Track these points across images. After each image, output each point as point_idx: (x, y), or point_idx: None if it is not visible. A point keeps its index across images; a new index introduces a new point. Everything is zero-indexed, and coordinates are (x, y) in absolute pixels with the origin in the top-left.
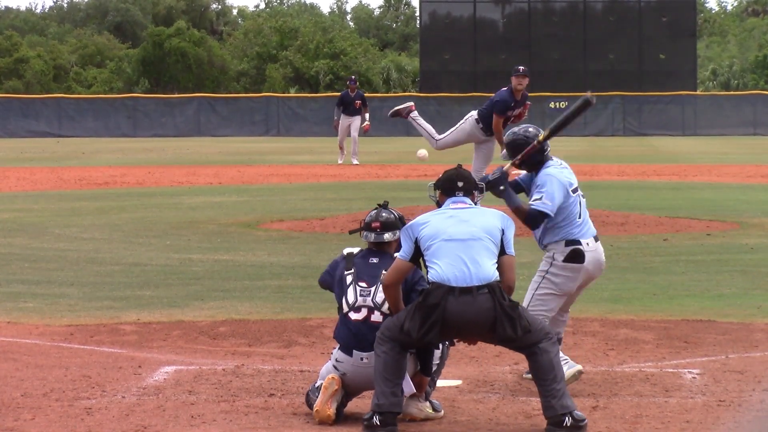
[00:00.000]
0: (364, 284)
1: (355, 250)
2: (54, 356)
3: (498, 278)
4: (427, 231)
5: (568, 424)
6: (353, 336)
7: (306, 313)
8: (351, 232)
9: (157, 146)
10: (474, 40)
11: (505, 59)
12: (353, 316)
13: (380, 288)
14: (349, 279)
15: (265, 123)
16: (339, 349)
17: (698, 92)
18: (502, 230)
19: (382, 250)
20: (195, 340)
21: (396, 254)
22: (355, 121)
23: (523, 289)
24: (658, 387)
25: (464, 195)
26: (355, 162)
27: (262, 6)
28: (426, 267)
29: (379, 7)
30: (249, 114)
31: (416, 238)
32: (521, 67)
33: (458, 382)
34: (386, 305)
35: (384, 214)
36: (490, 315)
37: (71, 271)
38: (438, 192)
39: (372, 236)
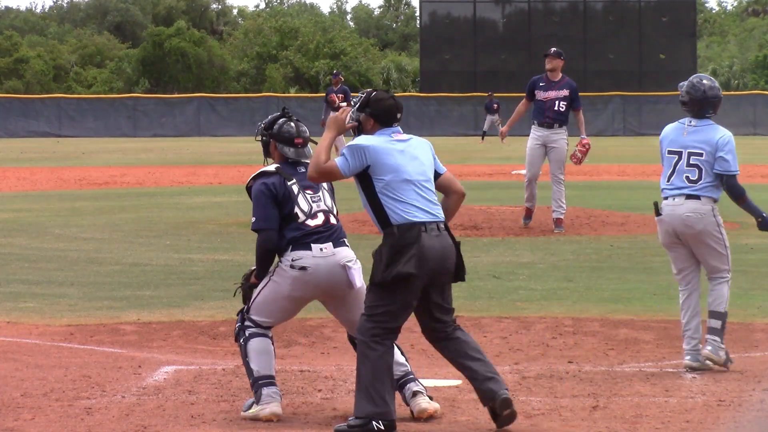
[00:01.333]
0: (310, 192)
1: (271, 167)
2: (54, 356)
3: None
4: (386, 164)
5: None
6: (311, 235)
7: (306, 313)
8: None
9: (157, 146)
10: (474, 40)
11: (505, 59)
12: (312, 222)
13: (325, 194)
14: (295, 189)
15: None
16: (292, 250)
17: None
18: (434, 159)
19: (306, 162)
20: (195, 340)
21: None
22: None
23: (525, 289)
24: (658, 387)
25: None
26: None
27: (262, 6)
28: (380, 199)
29: (379, 7)
30: (249, 114)
31: (369, 165)
32: (552, 49)
33: (458, 382)
34: (335, 209)
35: (303, 128)
36: (453, 252)
37: (71, 271)
38: (371, 120)
39: (291, 151)
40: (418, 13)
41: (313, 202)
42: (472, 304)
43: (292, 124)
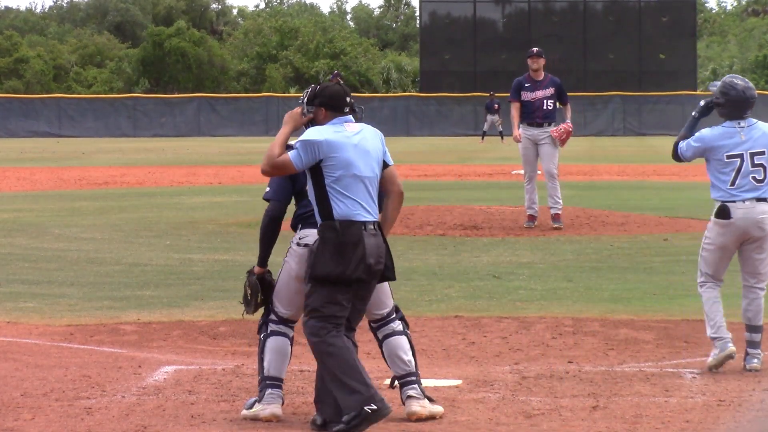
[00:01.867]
0: None
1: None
2: (54, 356)
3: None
4: (338, 159)
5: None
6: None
7: None
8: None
9: (157, 146)
10: (474, 40)
11: (505, 59)
12: None
13: None
14: None
15: (265, 123)
16: (300, 228)
17: (698, 92)
18: (384, 151)
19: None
20: (195, 340)
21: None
22: None
23: (525, 289)
24: (658, 387)
25: (350, 111)
26: None
27: (262, 6)
28: (328, 193)
29: (379, 7)
30: (249, 114)
31: (321, 159)
32: (534, 48)
33: (458, 382)
34: None
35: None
36: (385, 250)
37: (71, 271)
38: (322, 110)
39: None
40: (418, 13)
41: None
42: (472, 304)
43: (340, 87)
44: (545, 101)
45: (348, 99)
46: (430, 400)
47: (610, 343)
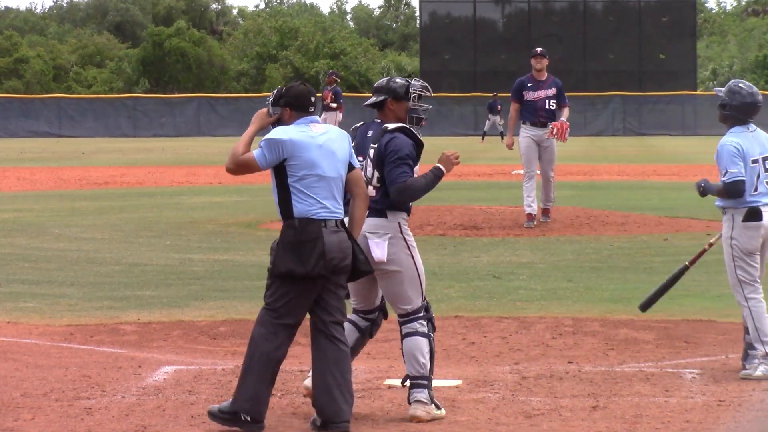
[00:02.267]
0: (360, 158)
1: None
2: (54, 356)
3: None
4: (302, 159)
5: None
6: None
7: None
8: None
9: (157, 146)
10: (474, 40)
11: (505, 59)
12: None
13: (368, 162)
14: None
15: None
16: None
17: (698, 92)
18: (351, 153)
19: (379, 119)
20: (195, 340)
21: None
22: (329, 118)
23: (525, 289)
24: (658, 387)
25: (314, 111)
26: None
27: (262, 6)
28: (290, 191)
29: (379, 7)
30: (249, 114)
31: (285, 159)
32: (538, 48)
33: (458, 382)
34: (375, 179)
35: (383, 79)
36: (350, 246)
37: (71, 271)
38: (287, 110)
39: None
40: (418, 13)
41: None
42: (472, 304)
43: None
44: (547, 101)
45: (313, 99)
46: (437, 406)
47: (610, 343)
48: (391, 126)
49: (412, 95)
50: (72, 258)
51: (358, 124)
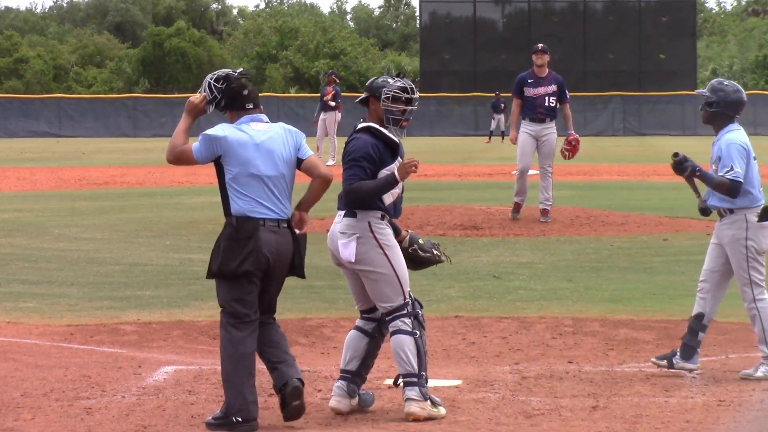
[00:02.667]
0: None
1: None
2: (54, 356)
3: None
4: (236, 157)
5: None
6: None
7: (306, 313)
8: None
9: (157, 146)
10: (474, 40)
11: (505, 59)
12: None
13: None
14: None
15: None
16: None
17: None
18: (298, 148)
19: (363, 118)
20: (195, 340)
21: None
22: (328, 118)
23: (525, 289)
24: (658, 387)
25: (255, 106)
26: (330, 163)
27: (262, 6)
28: (227, 189)
29: (379, 7)
30: None
31: (220, 156)
32: (539, 45)
33: (458, 382)
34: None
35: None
36: (290, 247)
37: (71, 271)
38: (226, 110)
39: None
40: (418, 13)
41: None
42: (472, 304)
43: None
44: (547, 98)
45: (246, 92)
46: (435, 403)
47: (610, 343)
48: (361, 125)
49: (384, 96)
50: (72, 258)
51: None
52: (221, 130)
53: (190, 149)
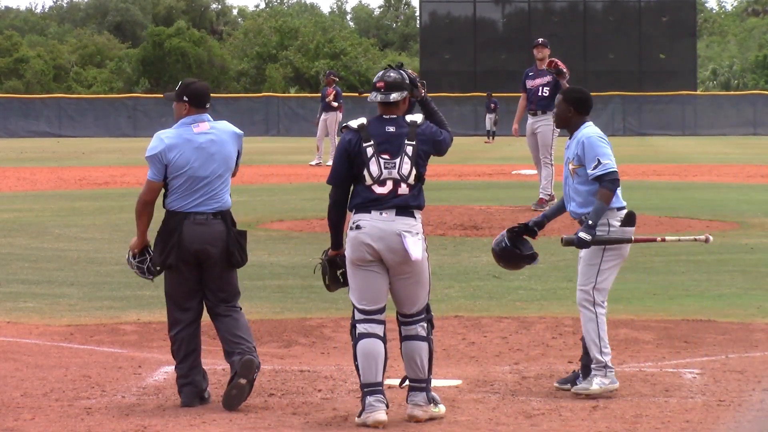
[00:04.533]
0: (387, 156)
1: (357, 122)
2: (54, 356)
3: (229, 206)
4: (177, 162)
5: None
6: (374, 200)
7: (306, 313)
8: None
9: None
10: (474, 40)
11: (505, 59)
12: (378, 189)
13: (405, 159)
14: (369, 151)
15: (265, 123)
16: (355, 213)
17: (698, 92)
18: (238, 152)
19: (393, 115)
20: None
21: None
22: (329, 118)
23: (525, 289)
24: (658, 387)
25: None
26: (330, 163)
27: (262, 6)
28: (168, 187)
29: (379, 7)
30: (249, 114)
31: (166, 165)
32: (540, 39)
33: (458, 382)
34: (412, 176)
35: (391, 74)
36: (223, 238)
37: (71, 271)
38: (185, 104)
39: (378, 96)
40: (418, 13)
41: (385, 168)
42: (472, 304)
43: (383, 71)
44: (541, 88)
45: (208, 101)
46: (436, 402)
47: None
48: (415, 118)
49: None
50: (72, 258)
51: (362, 122)
52: (159, 142)
53: (147, 182)
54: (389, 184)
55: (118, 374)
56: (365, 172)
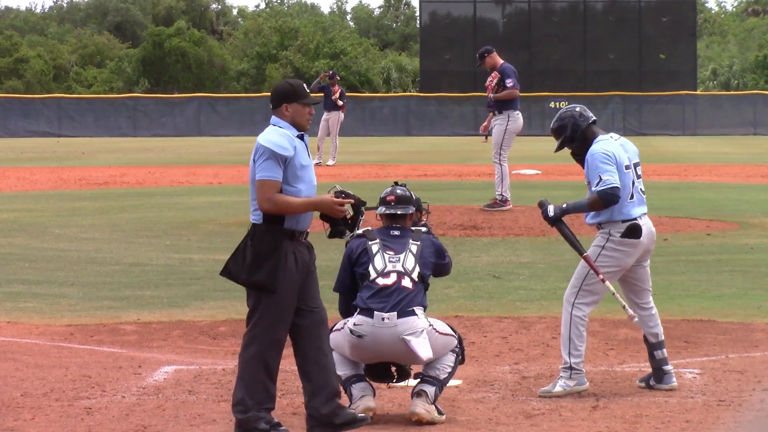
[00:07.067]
0: (391, 252)
1: (363, 229)
2: (54, 356)
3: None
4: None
5: None
6: (377, 297)
7: None
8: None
9: (157, 146)
10: (474, 40)
11: (505, 59)
12: (381, 281)
13: (409, 255)
14: (375, 248)
15: (265, 123)
16: (358, 313)
17: (698, 92)
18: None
19: (399, 225)
20: (195, 340)
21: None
22: (332, 118)
23: (525, 289)
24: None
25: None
26: (330, 163)
27: (262, 6)
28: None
29: (379, 7)
30: (249, 114)
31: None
32: (477, 53)
33: (458, 382)
34: (416, 273)
35: (399, 191)
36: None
37: (71, 271)
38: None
39: (384, 209)
40: (418, 13)
41: (390, 262)
42: (472, 304)
43: (391, 188)
44: (488, 89)
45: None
46: (440, 411)
47: (610, 343)
48: (421, 227)
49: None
50: (72, 258)
51: (368, 228)
52: (278, 140)
53: (273, 184)
54: (393, 276)
55: (118, 374)
56: (370, 268)
